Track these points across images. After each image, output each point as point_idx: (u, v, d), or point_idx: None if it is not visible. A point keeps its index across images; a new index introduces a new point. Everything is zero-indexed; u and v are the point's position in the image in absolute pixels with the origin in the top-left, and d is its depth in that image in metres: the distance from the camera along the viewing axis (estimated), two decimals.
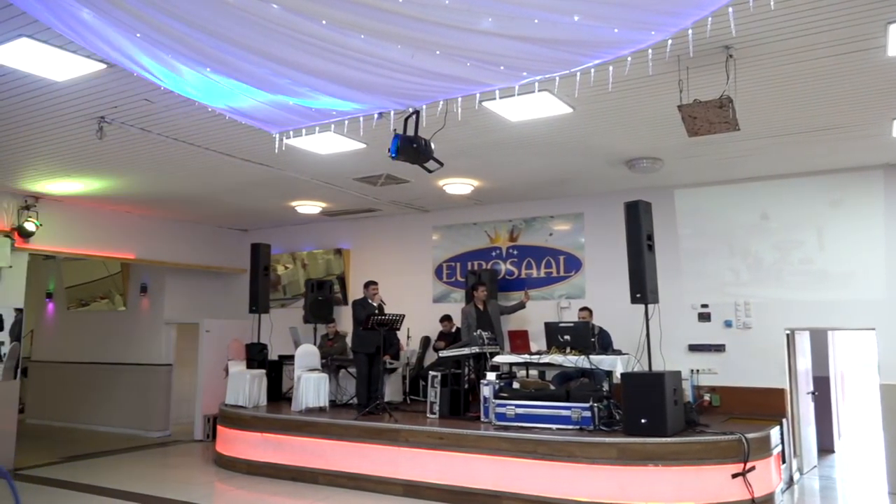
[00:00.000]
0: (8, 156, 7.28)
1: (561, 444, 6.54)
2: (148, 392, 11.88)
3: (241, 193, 9.28)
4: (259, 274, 9.95)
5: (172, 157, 7.37)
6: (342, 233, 11.62)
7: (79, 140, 6.65)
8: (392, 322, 8.23)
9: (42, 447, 10.61)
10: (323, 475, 7.85)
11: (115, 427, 12.10)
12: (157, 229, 11.16)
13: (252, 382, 9.24)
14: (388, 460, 7.44)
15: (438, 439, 7.20)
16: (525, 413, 7.23)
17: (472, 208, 10.31)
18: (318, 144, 6.86)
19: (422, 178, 8.43)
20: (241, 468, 8.56)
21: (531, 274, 9.83)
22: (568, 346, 7.59)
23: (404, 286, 10.81)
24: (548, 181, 8.66)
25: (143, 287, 12.28)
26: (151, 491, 7.58)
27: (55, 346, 13.57)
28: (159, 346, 11.92)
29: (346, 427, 7.84)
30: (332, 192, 9.11)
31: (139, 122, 6.15)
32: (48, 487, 7.99)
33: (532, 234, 9.89)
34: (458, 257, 10.46)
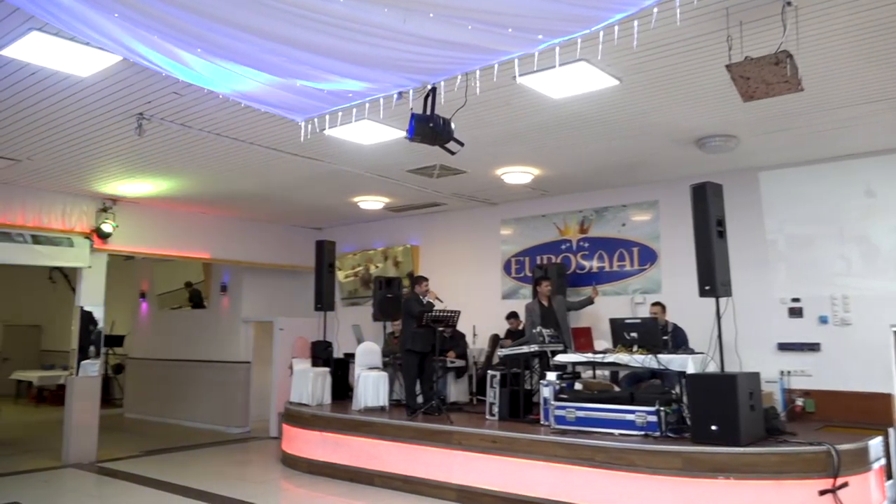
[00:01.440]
0: (70, 158, 7.50)
1: (620, 452, 5.96)
2: (228, 389, 12.13)
3: (300, 190, 9.22)
4: (323, 271, 9.87)
5: (220, 154, 7.35)
6: (411, 229, 11.39)
7: (123, 139, 6.72)
8: (447, 319, 7.87)
9: (127, 440, 11.03)
10: (379, 477, 7.61)
11: (200, 423, 12.44)
12: (232, 229, 11.34)
13: (315, 380, 9.15)
14: (442, 464, 7.10)
15: (491, 443, 6.78)
16: (586, 417, 6.68)
17: (540, 200, 9.80)
18: (358, 134, 6.62)
19: (479, 168, 8.04)
20: (303, 467, 8.48)
21: (603, 267, 9.20)
22: (635, 344, 6.98)
23: (473, 282, 10.46)
24: (614, 167, 8.03)
25: (223, 286, 12.57)
26: (210, 487, 7.61)
27: (148, 344, 14.18)
28: (238, 344, 12.15)
29: (400, 428, 7.57)
30: (390, 185, 8.87)
31: (176, 117, 6.12)
32: (115, 479, 8.21)
33: (604, 225, 9.26)
34: (527, 251, 9.97)
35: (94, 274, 9.67)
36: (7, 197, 8.80)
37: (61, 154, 7.33)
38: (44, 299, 18.33)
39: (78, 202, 9.42)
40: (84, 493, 7.66)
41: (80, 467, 8.89)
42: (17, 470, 8.65)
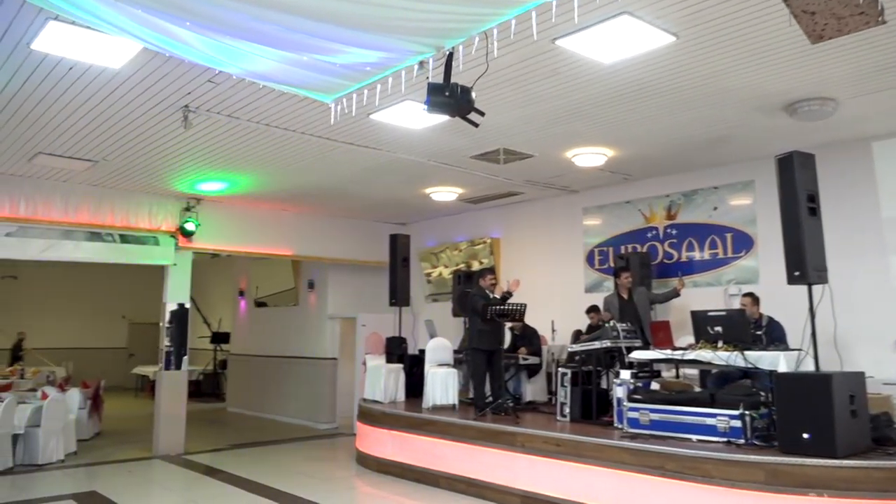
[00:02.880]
0: (138, 157, 7.69)
1: (693, 461, 5.26)
2: (316, 385, 12.22)
3: (368, 183, 9.03)
4: (398, 266, 9.65)
5: (276, 146, 7.27)
6: (492, 221, 10.95)
7: (177, 135, 6.77)
8: (514, 313, 7.38)
9: (219, 434, 11.34)
10: (444, 478, 7.26)
11: (291, 418, 12.62)
12: (314, 226, 11.39)
13: (388, 377, 8.93)
14: (506, 466, 6.64)
15: (555, 446, 6.25)
16: (661, 420, 6.01)
17: (623, 185, 9.07)
18: (404, 118, 6.30)
19: (546, 151, 7.51)
20: (373, 466, 8.28)
21: (693, 256, 8.36)
22: (719, 339, 6.21)
23: (554, 276, 9.89)
24: (696, 144, 7.23)
25: (310, 283, 12.69)
26: (277, 482, 7.56)
27: (246, 340, 14.61)
28: (324, 341, 12.20)
29: (463, 428, 7.18)
30: (456, 174, 8.48)
31: (220, 108, 6.06)
32: (191, 471, 8.37)
33: (693, 210, 8.41)
34: (610, 241, 9.27)
35: (179, 272, 9.96)
36: (98, 198, 9.22)
37: (129, 153, 7.53)
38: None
39: (163, 202, 9.74)
40: (158, 482, 7.83)
41: (166, 459, 9.16)
42: (109, 460, 9.03)
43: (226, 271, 16.20)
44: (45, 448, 8.59)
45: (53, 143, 7.17)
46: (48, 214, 8.85)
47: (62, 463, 8.69)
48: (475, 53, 4.38)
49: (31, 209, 8.73)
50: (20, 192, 8.67)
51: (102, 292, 18.81)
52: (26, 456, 8.55)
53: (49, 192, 8.86)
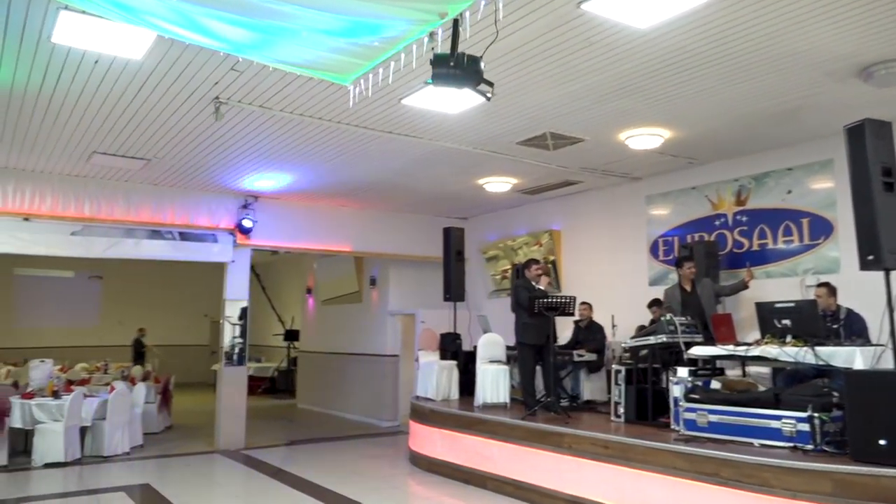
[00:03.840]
0: (186, 153, 7.76)
1: (751, 468, 4.73)
2: (379, 382, 12.12)
3: (418, 175, 8.81)
4: (452, 259, 9.38)
5: (315, 138, 7.15)
6: (552, 213, 10.50)
7: (214, 128, 6.75)
8: (562, 305, 6.96)
9: (282, 429, 11.43)
10: (491, 480, 6.94)
11: (356, 415, 12.59)
12: (372, 221, 11.28)
13: (441, 374, 8.68)
14: (552, 469, 6.26)
15: (603, 448, 5.81)
16: (720, 422, 5.48)
17: (688, 170, 8.45)
18: (436, 101, 6.02)
19: (596, 134, 7.05)
20: (423, 465, 8.06)
21: (765, 244, 7.67)
22: (788, 333, 5.61)
23: (617, 268, 9.36)
24: (763, 119, 6.58)
25: (372, 280, 12.62)
26: (325, 480, 7.46)
27: (314, 337, 14.74)
28: (386, 338, 12.09)
29: (511, 427, 6.83)
30: (506, 162, 8.12)
31: (249, 98, 5.97)
32: (244, 466, 8.41)
33: (765, 194, 7.72)
34: (675, 230, 8.67)
35: (238, 269, 10.06)
36: (158, 197, 9.43)
37: (176, 150, 7.62)
38: None
39: (221, 199, 9.87)
40: (208, 476, 7.88)
41: (225, 453, 9.25)
42: (172, 453, 9.21)
43: (297, 270, 16.44)
44: (110, 440, 8.85)
45: (104, 143, 7.33)
46: (111, 213, 9.12)
47: (127, 455, 8.92)
48: (485, 21, 4.07)
49: (95, 208, 9.01)
50: (85, 193, 8.96)
51: (184, 291, 19.49)
52: (94, 447, 8.83)
53: (112, 192, 9.13)
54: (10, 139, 7.15)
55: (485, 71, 3.81)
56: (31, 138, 7.14)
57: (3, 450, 8.11)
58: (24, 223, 8.56)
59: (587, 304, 8.57)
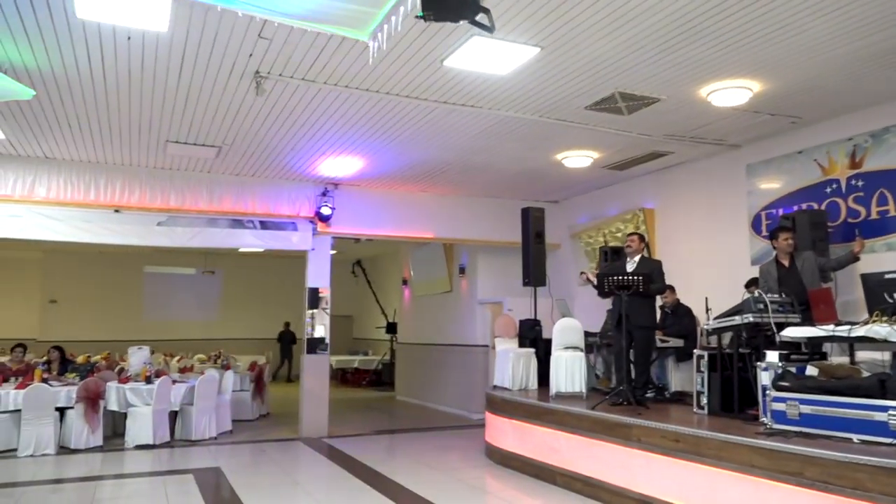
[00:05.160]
0: (248, 137, 7.76)
1: (841, 468, 3.92)
2: (469, 373, 11.76)
3: (490, 152, 8.33)
4: (531, 242, 8.83)
5: (368, 113, 6.89)
6: (645, 190, 9.67)
7: (259, 106, 6.66)
8: (632, 283, 6.25)
9: (370, 419, 11.36)
10: (560, 475, 6.38)
11: (448, 407, 12.31)
12: (455, 207, 10.92)
13: (517, 362, 8.16)
14: (622, 464, 5.61)
15: (674, 442, 5.11)
16: (815, 414, 4.65)
17: (793, 132, 7.43)
18: (483, 62, 5.54)
19: (673, 91, 6.29)
20: (497, 458, 7.61)
21: (886, 212, 6.54)
22: None
23: (715, 247, 8.44)
24: (876, 60, 5.55)
25: (461, 268, 12.27)
26: (393, 470, 7.24)
27: (410, 329, 14.61)
28: (475, 327, 11.70)
29: (579, 418, 6.23)
30: (580, 132, 7.47)
31: (288, 70, 5.78)
32: (316, 452, 8.31)
33: (885, 153, 6.59)
34: (779, 201, 7.64)
35: (318, 257, 10.04)
36: (239, 187, 9.58)
37: (240, 134, 7.63)
38: (351, 291, 20.21)
39: (300, 188, 9.89)
40: (278, 462, 7.80)
41: (306, 441, 9.24)
42: (257, 439, 9.32)
43: (399, 262, 16.41)
44: (197, 425, 9.07)
45: (171, 130, 7.47)
46: (195, 204, 9.35)
47: (214, 440, 9.11)
48: None
49: (180, 199, 9.27)
50: (171, 185, 9.25)
51: (294, 285, 20.05)
52: (183, 432, 9.09)
53: (196, 184, 9.36)
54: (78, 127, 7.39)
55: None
56: (103, 127, 7.39)
57: (98, 431, 8.49)
58: (115, 215, 8.94)
59: (670, 287, 7.76)
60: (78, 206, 8.75)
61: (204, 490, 6.37)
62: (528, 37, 5.14)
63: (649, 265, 6.85)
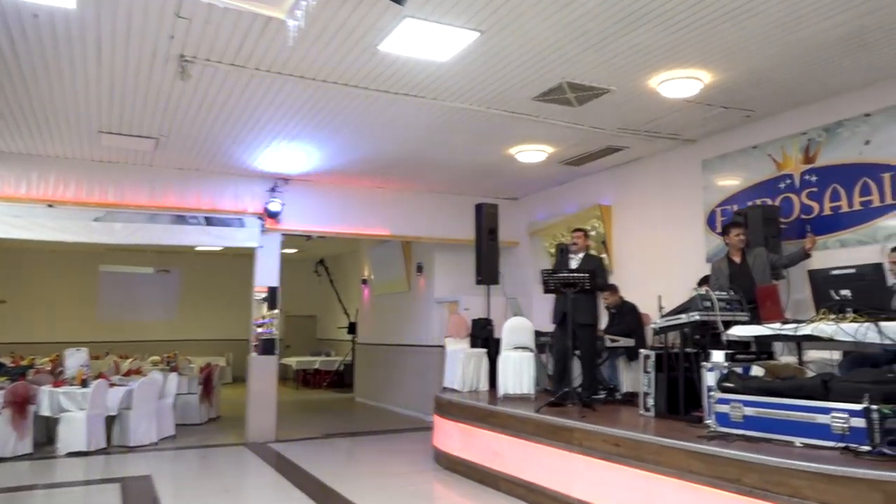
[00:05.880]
0: (185, 128, 7.40)
1: (780, 474, 3.69)
2: (425, 374, 11.44)
3: (442, 146, 8.05)
4: (484, 239, 8.58)
5: (308, 103, 6.58)
6: (603, 187, 9.46)
7: (193, 96, 6.31)
8: (578, 281, 6.01)
9: (322, 422, 10.99)
10: (504, 480, 6.12)
11: (404, 409, 12.02)
12: (412, 203, 10.62)
13: (467, 362, 7.92)
14: (563, 469, 5.37)
15: (614, 446, 4.88)
16: (758, 416, 4.44)
17: (747, 126, 7.26)
18: (420, 47, 5.26)
19: (622, 80, 6.05)
20: (444, 462, 7.33)
21: (839, 208, 6.39)
22: (848, 307, 4.47)
23: (671, 244, 8.26)
24: (827, 50, 5.37)
25: (418, 267, 11.98)
26: (333, 476, 6.88)
27: (369, 329, 14.29)
28: (432, 326, 11.41)
29: (521, 421, 5.98)
30: (533, 125, 7.22)
31: (215, 55, 5.45)
32: (258, 459, 7.93)
33: (837, 148, 6.44)
34: (734, 197, 7.47)
35: (267, 254, 9.67)
36: (183, 181, 9.19)
37: (175, 124, 7.27)
38: (314, 291, 19.82)
39: (248, 183, 9.52)
40: (215, 469, 7.47)
41: (251, 446, 8.87)
42: (200, 444, 8.92)
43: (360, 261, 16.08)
44: (136, 430, 8.66)
45: (102, 120, 7.09)
46: (136, 199, 8.94)
47: (154, 446, 8.71)
48: None
49: (119, 194, 8.85)
50: (108, 179, 8.83)
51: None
52: (120, 437, 8.67)
53: (136, 178, 8.96)
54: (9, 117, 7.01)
55: None
56: (28, 116, 6.98)
57: (27, 438, 8.05)
58: (48, 210, 8.50)
59: (611, 286, 7.57)
60: (7, 200, 8.30)
61: (127, 501, 6.00)
62: (465, 20, 4.87)
63: (593, 262, 6.65)
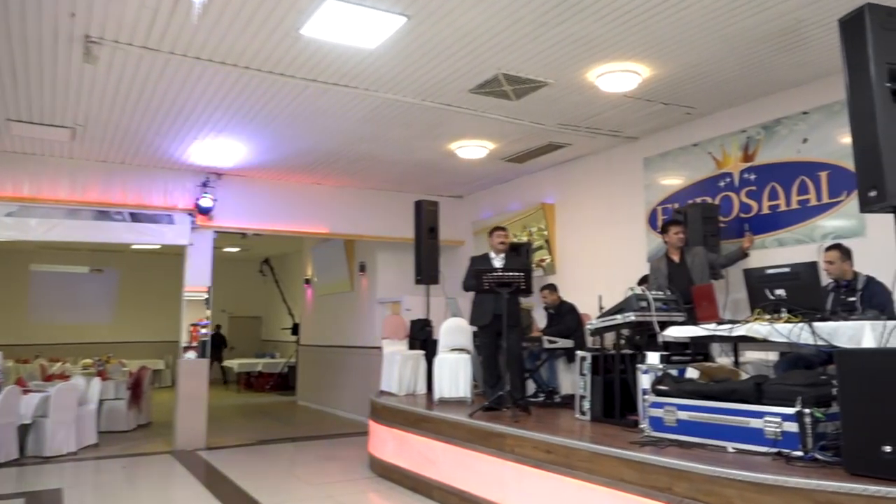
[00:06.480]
0: (101, 117, 6.95)
1: (710, 483, 3.51)
2: (368, 376, 11.09)
3: (379, 140, 7.76)
4: (423, 237, 8.30)
5: (231, 90, 6.20)
6: (546, 185, 9.30)
7: (106, 82, 5.89)
8: (514, 281, 5.79)
9: (259, 428, 10.59)
10: (437, 489, 5.85)
11: (347, 412, 11.67)
12: (353, 200, 10.29)
13: (404, 365, 7.64)
14: (496, 477, 5.13)
15: (546, 453, 4.66)
16: (692, 420, 4.27)
17: (688, 123, 7.17)
18: (342, 30, 4.96)
19: (560, 74, 5.86)
20: (378, 469, 7.03)
21: (777, 206, 6.32)
22: (782, 307, 4.34)
23: (613, 243, 8.12)
24: (763, 46, 5.25)
25: (361, 266, 11.66)
26: (259, 485, 6.53)
27: (312, 330, 13.89)
28: (375, 327, 11.09)
29: (454, 426, 5.73)
30: (470, 120, 6.99)
31: (124, 36, 5.05)
32: (182, 469, 7.50)
33: (776, 146, 6.37)
34: (675, 195, 7.37)
35: (199, 253, 9.22)
36: (107, 175, 8.68)
37: (92, 112, 6.81)
38: (260, 291, 19.32)
39: (179, 177, 9.06)
40: (131, 480, 7.03)
41: (179, 454, 8.42)
42: (124, 453, 8.43)
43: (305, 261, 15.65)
44: (52, 439, 8.13)
45: (9, 107, 6.60)
46: (54, 193, 8.40)
47: (73, 455, 8.19)
48: None
49: (35, 188, 8.30)
50: (24, 172, 8.28)
51: None
52: (35, 447, 8.12)
53: (55, 171, 8.42)
54: None
55: None
56: None
57: None
58: None
59: (550, 286, 7.40)
60: None
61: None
62: (390, 2, 4.59)
63: (517, 262, 6.45)
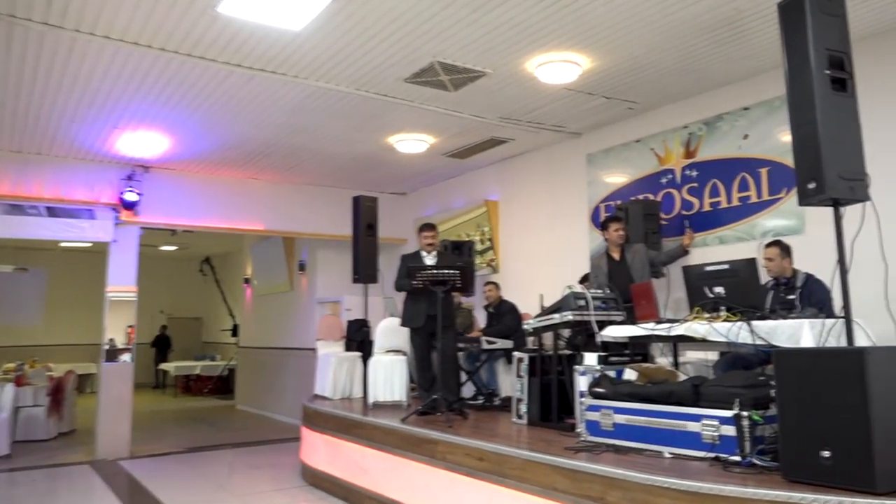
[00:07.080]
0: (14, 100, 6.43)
1: (644, 491, 3.31)
2: (307, 379, 10.68)
3: (314, 132, 7.42)
4: (361, 234, 7.96)
5: (150, 74, 5.79)
6: (490, 181, 9.09)
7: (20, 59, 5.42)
8: (449, 278, 5.53)
9: (189, 434, 10.11)
10: (369, 498, 5.54)
11: (286, 416, 11.24)
12: (291, 197, 9.89)
13: (339, 367, 7.32)
14: (427, 486, 4.85)
15: (478, 460, 4.40)
16: (628, 424, 4.08)
17: (631, 119, 7.04)
18: (267, 12, 4.62)
19: (500, 64, 5.63)
20: (309, 478, 6.69)
21: (718, 203, 6.22)
22: (721, 305, 4.19)
23: (556, 240, 7.96)
24: (698, 35, 5.13)
25: (301, 265, 11.26)
26: (182, 497, 6.10)
27: (250, 331, 13.43)
28: (314, 328, 10.70)
29: (385, 432, 5.43)
30: (408, 112, 6.72)
31: (19, 9, 4.61)
32: (98, 480, 7.01)
33: (717, 142, 6.27)
34: (618, 192, 7.22)
35: (122, 250, 8.71)
36: (21, 166, 8.11)
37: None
38: (200, 291, 18.68)
39: (101, 170, 8.54)
40: (38, 496, 6.52)
41: (98, 464, 7.91)
42: (40, 465, 7.87)
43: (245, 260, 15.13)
44: None
45: None
46: None
47: None
48: None
49: None
50: None
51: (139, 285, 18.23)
52: None
53: None
54: None
55: None
56: None
57: None
58: None
59: (493, 283, 7.19)
60: None
61: None
62: None
63: (448, 260, 6.22)
